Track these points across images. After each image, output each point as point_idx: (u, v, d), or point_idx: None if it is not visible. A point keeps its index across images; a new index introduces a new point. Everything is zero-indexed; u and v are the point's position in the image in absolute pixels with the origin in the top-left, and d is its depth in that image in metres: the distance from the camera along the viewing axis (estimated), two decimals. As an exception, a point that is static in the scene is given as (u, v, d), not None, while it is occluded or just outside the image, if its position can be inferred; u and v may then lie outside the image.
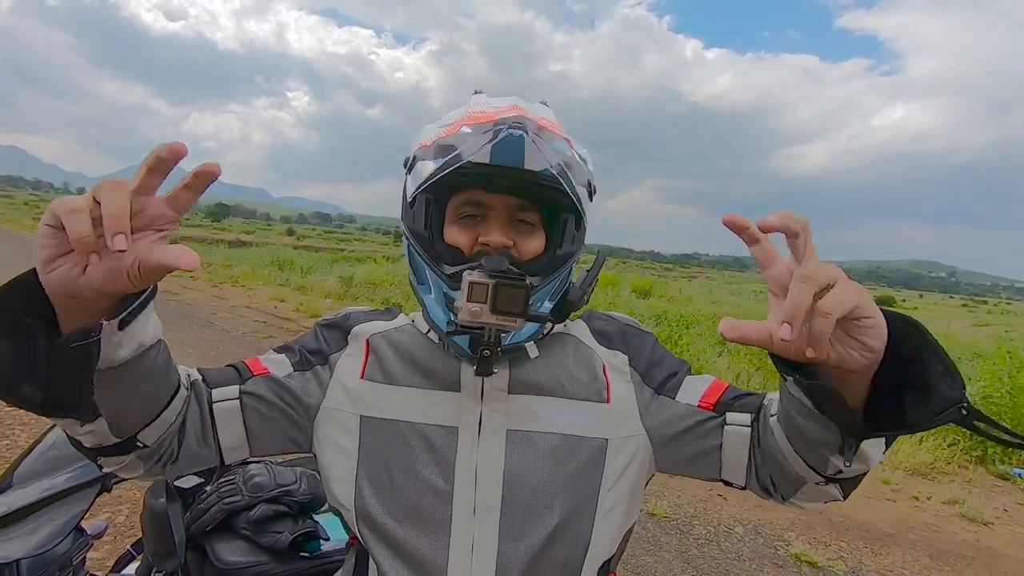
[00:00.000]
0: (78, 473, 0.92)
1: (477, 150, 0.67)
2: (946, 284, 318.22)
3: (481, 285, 0.64)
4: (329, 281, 13.95)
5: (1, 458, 3.36)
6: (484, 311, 0.63)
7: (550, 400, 0.74)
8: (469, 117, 0.72)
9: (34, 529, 0.86)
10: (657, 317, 11.09)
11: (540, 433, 0.72)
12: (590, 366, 0.78)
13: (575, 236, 0.75)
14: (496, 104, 0.74)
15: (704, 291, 27.93)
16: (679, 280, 45.88)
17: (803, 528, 3.62)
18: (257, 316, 9.12)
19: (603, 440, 0.73)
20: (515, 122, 0.68)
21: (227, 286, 12.63)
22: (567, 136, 0.74)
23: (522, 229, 0.74)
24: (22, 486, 0.91)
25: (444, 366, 0.75)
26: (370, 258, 25.06)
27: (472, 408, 0.73)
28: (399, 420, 0.73)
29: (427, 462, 0.71)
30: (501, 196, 0.73)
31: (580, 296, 0.74)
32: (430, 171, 0.71)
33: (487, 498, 0.70)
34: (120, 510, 2.89)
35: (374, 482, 0.71)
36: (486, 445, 0.71)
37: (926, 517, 3.99)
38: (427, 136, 0.75)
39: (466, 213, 0.74)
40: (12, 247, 16.32)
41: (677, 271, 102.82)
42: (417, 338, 0.79)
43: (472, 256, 0.73)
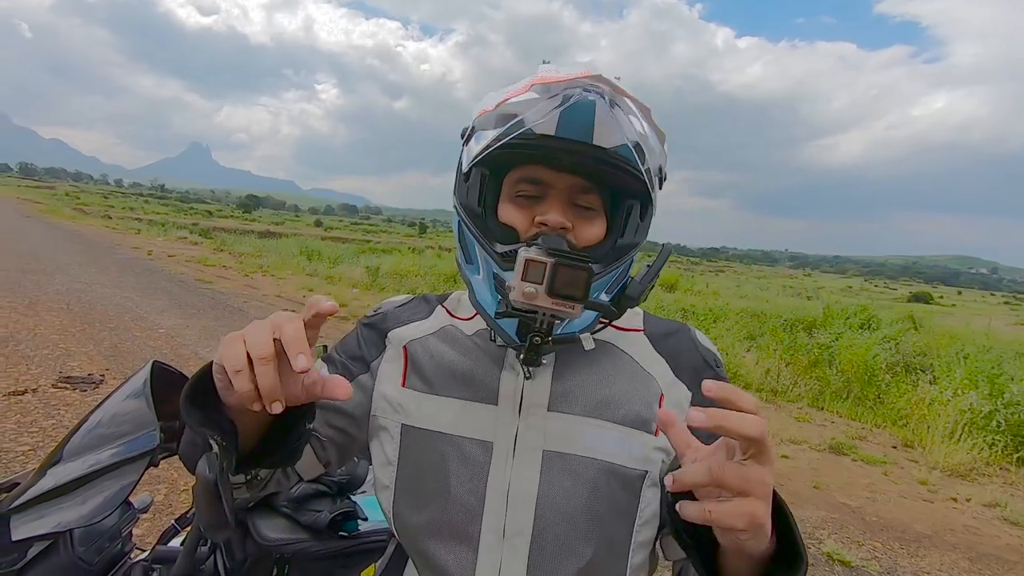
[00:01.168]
0: (123, 449, 0.94)
1: (542, 117, 0.60)
2: (987, 281, 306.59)
3: (538, 264, 0.56)
4: (356, 271, 14.14)
5: (48, 436, 3.50)
6: (540, 292, 0.56)
7: (592, 422, 0.68)
8: (538, 78, 0.64)
9: (83, 501, 0.89)
10: (684, 311, 10.96)
11: (579, 457, 0.67)
12: (644, 394, 0.71)
13: (639, 226, 0.68)
14: (569, 70, 0.66)
15: (732, 285, 27.46)
16: (706, 274, 45.23)
17: (835, 527, 3.54)
18: (287, 305, 9.29)
19: (643, 472, 0.68)
20: (591, 84, 0.60)
21: (258, 275, 12.89)
22: (648, 105, 0.65)
23: (582, 213, 0.68)
24: (71, 460, 0.95)
25: (484, 375, 0.71)
26: (396, 249, 25.32)
27: (509, 423, 0.68)
28: (435, 431, 0.69)
29: (460, 477, 0.67)
30: (563, 175, 0.67)
31: (640, 292, 0.68)
32: (487, 141, 0.64)
33: (518, 521, 0.65)
34: (159, 489, 2.99)
35: (409, 493, 0.70)
36: (520, 464, 0.67)
37: (965, 519, 3.86)
38: (488, 102, 0.68)
39: (523, 192, 0.69)
40: (53, 235, 16.95)
41: (704, 265, 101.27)
42: (457, 342, 0.75)
43: (527, 237, 0.67)
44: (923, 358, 8.17)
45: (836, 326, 9.46)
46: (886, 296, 57.38)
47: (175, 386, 1.05)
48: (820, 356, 7.52)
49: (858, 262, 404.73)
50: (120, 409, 0.96)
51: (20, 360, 4.82)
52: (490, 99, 0.69)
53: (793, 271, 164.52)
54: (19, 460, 3.18)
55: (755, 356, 7.82)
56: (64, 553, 0.89)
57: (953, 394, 5.79)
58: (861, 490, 4.16)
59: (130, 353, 5.45)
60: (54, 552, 0.89)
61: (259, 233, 32.17)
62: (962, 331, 12.07)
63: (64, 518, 0.85)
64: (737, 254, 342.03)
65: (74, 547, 0.91)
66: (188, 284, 10.35)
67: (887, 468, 4.67)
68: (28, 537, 0.84)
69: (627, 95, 0.63)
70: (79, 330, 6.02)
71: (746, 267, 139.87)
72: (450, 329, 0.76)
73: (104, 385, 4.51)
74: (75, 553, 0.91)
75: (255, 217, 77.65)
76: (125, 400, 0.97)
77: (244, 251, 18.25)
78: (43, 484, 0.89)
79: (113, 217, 32.47)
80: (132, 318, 6.91)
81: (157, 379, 0.97)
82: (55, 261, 11.11)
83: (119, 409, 0.97)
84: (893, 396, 6.45)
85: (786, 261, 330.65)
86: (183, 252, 16.16)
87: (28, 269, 9.60)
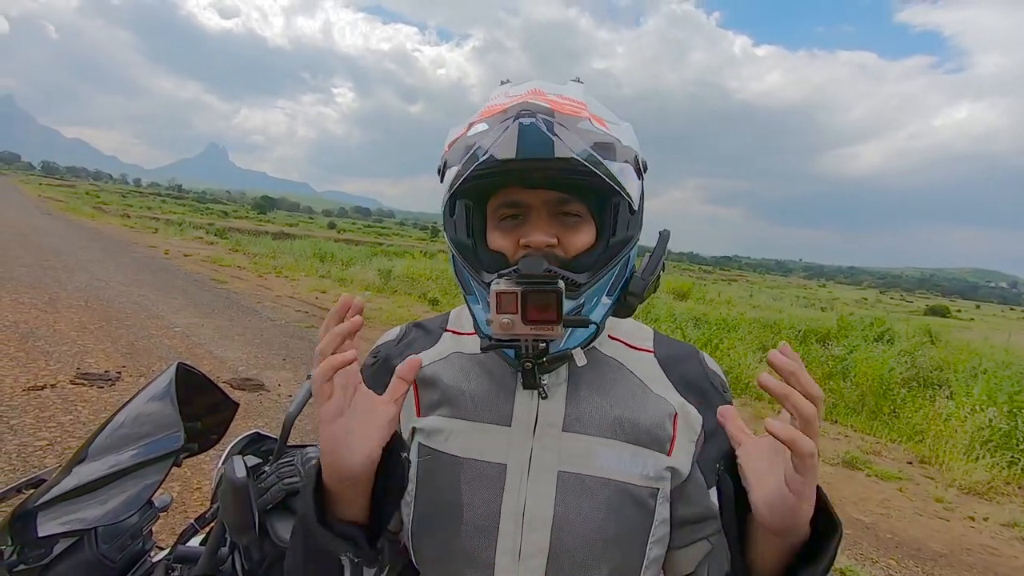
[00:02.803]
0: (146, 449, 0.96)
1: (492, 144, 0.61)
2: (1006, 295, 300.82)
3: (509, 294, 0.58)
4: (368, 274, 14.22)
5: (65, 432, 3.56)
6: (516, 322, 0.58)
7: (607, 442, 0.69)
8: (484, 111, 0.66)
9: (107, 499, 0.90)
10: (696, 320, 10.88)
11: (593, 477, 0.67)
12: (656, 412, 0.71)
13: (629, 221, 0.68)
14: (513, 92, 0.67)
15: (744, 294, 27.21)
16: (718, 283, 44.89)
17: (848, 543, 3.49)
18: (299, 306, 9.37)
19: (655, 490, 0.69)
20: (524, 110, 0.61)
21: (271, 276, 13.02)
22: (594, 114, 0.66)
23: (568, 223, 0.68)
24: (96, 459, 0.96)
25: (496, 397, 0.71)
26: (408, 253, 25.42)
27: (522, 444, 0.68)
28: (449, 454, 0.70)
29: (473, 499, 0.68)
30: (538, 192, 0.66)
31: (644, 286, 0.69)
32: (454, 175, 0.65)
33: (533, 543, 0.66)
34: (172, 487, 3.02)
35: (424, 514, 0.70)
36: (535, 485, 0.67)
37: (983, 539, 3.78)
38: (450, 138, 0.69)
39: (506, 215, 0.68)
40: (73, 233, 17.25)
41: (716, 274, 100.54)
42: (467, 368, 0.75)
43: (515, 260, 0.67)
44: (940, 373, 8.04)
45: (851, 338, 9.35)
46: (902, 309, 56.51)
47: (199, 387, 1.06)
48: (834, 368, 7.43)
49: (874, 273, 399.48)
50: (144, 410, 0.98)
51: (39, 356, 4.91)
52: (451, 135, 0.70)
53: (807, 281, 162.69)
54: (37, 454, 3.23)
55: (767, 367, 7.74)
56: (88, 550, 0.91)
57: (971, 410, 5.69)
58: (875, 506, 4.09)
59: (146, 351, 5.53)
60: (79, 549, 0.90)
61: (273, 234, 32.49)
62: (981, 346, 11.86)
63: (89, 515, 0.87)
64: (750, 263, 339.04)
65: (98, 544, 0.93)
66: (203, 283, 10.48)
67: (902, 484, 4.60)
68: (54, 533, 0.86)
69: (566, 110, 0.63)
70: (97, 327, 6.11)
71: (759, 276, 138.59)
72: (456, 357, 0.77)
73: (120, 382, 4.58)
74: (99, 550, 0.92)
75: (270, 218, 78.42)
76: (149, 401, 0.99)
77: (258, 252, 18.44)
78: (68, 482, 0.91)
79: (131, 216, 32.98)
80: (148, 316, 7.01)
81: (181, 380, 0.99)
82: (75, 258, 11.32)
83: (143, 410, 0.98)
84: (909, 411, 6.35)
85: (800, 271, 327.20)
86: (199, 252, 16.37)
87: (49, 266, 9.78)
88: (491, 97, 0.70)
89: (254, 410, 4.40)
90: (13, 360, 4.71)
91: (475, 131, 0.64)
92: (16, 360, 4.72)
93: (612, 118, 0.69)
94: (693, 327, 9.97)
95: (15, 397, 3.97)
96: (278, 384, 5.11)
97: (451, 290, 12.82)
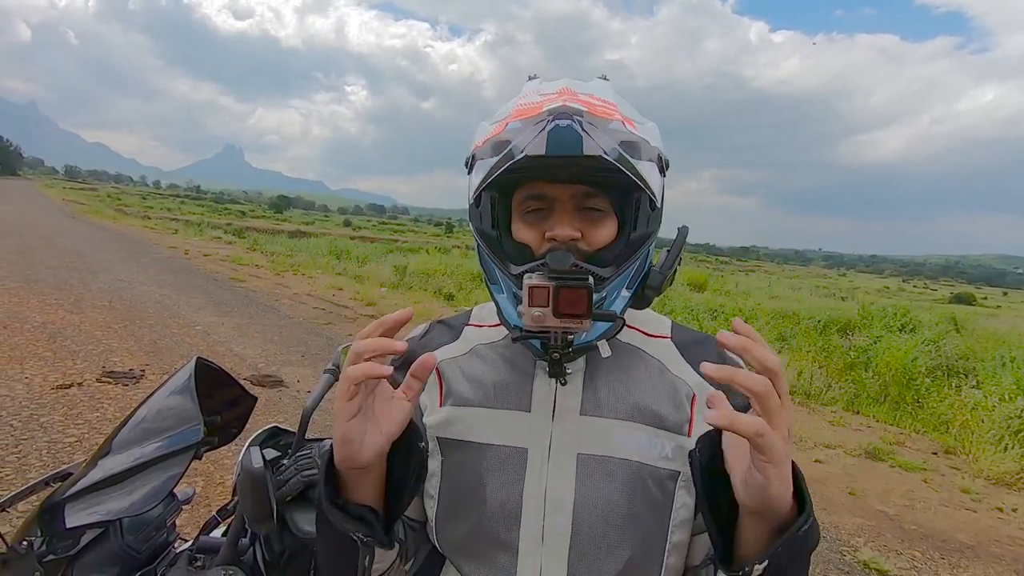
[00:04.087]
0: (167, 443, 0.97)
1: (529, 143, 0.63)
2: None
3: (541, 288, 0.61)
4: (384, 271, 14.33)
5: (92, 428, 3.65)
6: (547, 315, 0.61)
7: (625, 424, 0.70)
8: (518, 110, 0.69)
9: (131, 491, 0.92)
10: (713, 311, 10.78)
11: (613, 459, 0.69)
12: (674, 395, 0.73)
13: (650, 216, 0.70)
14: (545, 91, 0.71)
15: (763, 285, 26.85)
16: (735, 274, 44.34)
17: (872, 534, 3.44)
18: (317, 304, 9.47)
19: (675, 472, 0.70)
20: (561, 112, 0.64)
21: (288, 274, 13.18)
22: (624, 116, 0.69)
23: (591, 217, 0.70)
24: (120, 452, 0.98)
25: (516, 384, 0.74)
26: (423, 249, 25.55)
27: (542, 428, 0.71)
28: (470, 441, 0.72)
29: (496, 484, 0.70)
30: (564, 186, 0.69)
31: (661, 280, 0.71)
32: (487, 169, 0.68)
33: (557, 524, 0.68)
34: (196, 481, 3.08)
35: (451, 504, 0.73)
36: (556, 468, 0.69)
37: (1011, 530, 3.70)
38: (482, 134, 0.71)
39: (531, 208, 0.71)
40: (96, 235, 17.62)
41: (733, 264, 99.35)
42: (488, 359, 0.78)
43: (541, 253, 0.69)
44: (966, 362, 7.86)
45: (873, 328, 9.18)
46: (925, 297, 55.34)
47: (218, 382, 1.08)
48: (856, 359, 7.31)
49: (896, 262, 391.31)
50: (165, 404, 1.00)
51: (67, 355, 5.04)
52: (483, 130, 0.72)
53: (827, 271, 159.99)
54: (66, 451, 3.32)
55: (787, 358, 7.65)
56: (114, 540, 0.93)
57: (1000, 400, 5.56)
58: (899, 497, 4.03)
59: (168, 349, 5.64)
60: (105, 539, 0.93)
61: (290, 233, 32.87)
62: (1008, 334, 11.57)
63: (115, 507, 0.89)
64: (768, 253, 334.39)
65: (123, 535, 0.95)
66: (222, 282, 10.65)
67: (927, 475, 4.51)
68: (81, 524, 0.88)
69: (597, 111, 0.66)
70: (121, 327, 6.25)
71: (777, 267, 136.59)
72: (480, 349, 0.79)
73: (144, 380, 4.68)
74: (124, 541, 0.94)
75: (286, 217, 79.30)
76: (170, 396, 1.01)
77: (275, 250, 18.68)
78: (94, 475, 0.93)
79: (152, 217, 33.60)
80: (170, 315, 7.14)
81: (200, 375, 1.00)
82: (98, 260, 11.57)
83: (164, 404, 1.00)
84: (934, 401, 6.23)
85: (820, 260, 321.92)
86: (217, 251, 16.62)
87: (74, 267, 10.02)
88: (523, 94, 0.73)
89: (274, 406, 4.46)
90: (42, 360, 4.84)
91: (510, 129, 0.66)
92: (45, 360, 4.85)
93: (639, 118, 0.72)
94: (710, 319, 9.88)
95: (44, 395, 4.09)
96: (297, 380, 5.18)
97: (466, 285, 12.86)
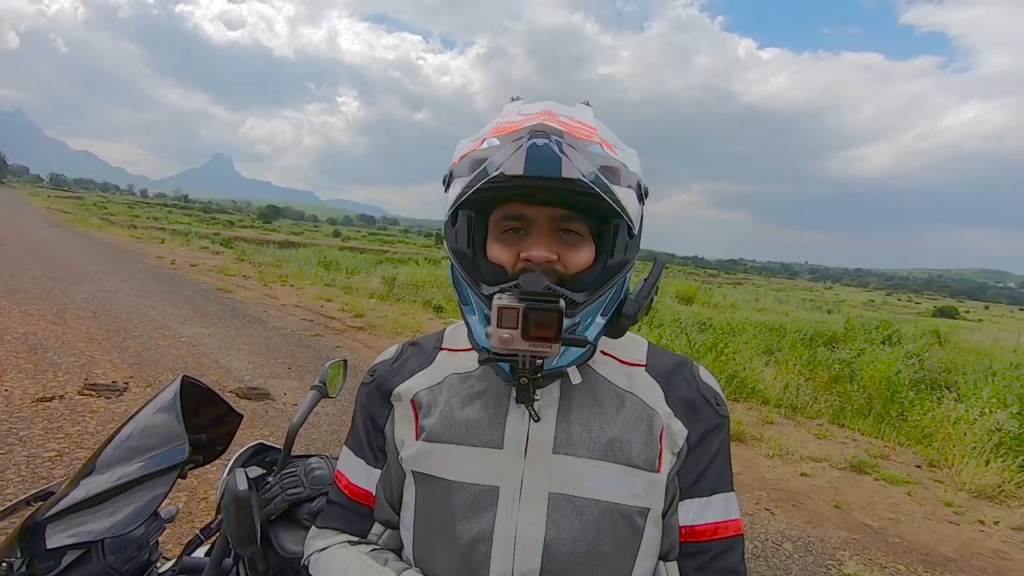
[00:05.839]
0: (153, 461, 0.97)
1: (504, 161, 0.62)
2: (1016, 295, 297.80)
3: (511, 309, 0.60)
4: (373, 282, 14.27)
5: (73, 442, 3.58)
6: (515, 337, 0.59)
7: (597, 464, 0.70)
8: (497, 127, 0.68)
9: (115, 511, 0.92)
10: (702, 324, 10.85)
11: (583, 499, 0.69)
12: (648, 429, 0.72)
13: (627, 244, 0.69)
14: (526, 111, 0.69)
15: (750, 298, 27.09)
16: (723, 286, 44.65)
17: (857, 547, 3.47)
18: (305, 315, 9.40)
19: (645, 509, 0.70)
20: (537, 130, 0.63)
21: (277, 285, 13.07)
22: (604, 139, 0.68)
23: (568, 241, 0.69)
24: (103, 471, 0.98)
25: (489, 420, 0.73)
26: (412, 260, 25.50)
27: (514, 466, 0.70)
28: (443, 478, 0.72)
29: (467, 522, 0.69)
30: (543, 208, 0.68)
31: (637, 309, 0.70)
32: (463, 186, 0.66)
33: (525, 563, 0.67)
34: (179, 497, 3.04)
35: (422, 537, 0.73)
36: (527, 507, 0.69)
37: (993, 543, 3.74)
38: (460, 151, 0.70)
39: (508, 228, 0.70)
40: (81, 244, 17.40)
41: (722, 277, 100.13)
42: (462, 392, 0.77)
43: (515, 273, 0.68)
44: (948, 375, 7.97)
45: (858, 341, 9.29)
46: (909, 310, 56.10)
47: (204, 400, 1.08)
48: (841, 372, 7.38)
49: (880, 275, 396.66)
50: (150, 422, 1.00)
51: (48, 367, 4.95)
52: (462, 147, 0.71)
53: (813, 283, 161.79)
54: (46, 465, 3.26)
55: (774, 371, 7.70)
56: (96, 562, 0.92)
57: (980, 413, 5.64)
58: (884, 510, 4.06)
59: (153, 361, 5.56)
60: (87, 560, 0.92)
61: (279, 243, 32.67)
62: (989, 347, 11.76)
63: (97, 527, 0.88)
64: (756, 266, 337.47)
65: (105, 556, 0.94)
66: (209, 293, 10.54)
67: (911, 488, 4.56)
68: (63, 545, 0.87)
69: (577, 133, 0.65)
70: (105, 338, 6.16)
71: (765, 279, 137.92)
72: (453, 380, 0.78)
73: (128, 392, 4.61)
74: (106, 561, 0.93)
75: (275, 227, 78.77)
76: (155, 414, 1.00)
77: (264, 261, 18.53)
78: (76, 494, 0.93)
79: (138, 227, 33.25)
80: (155, 326, 7.05)
81: (186, 393, 1.00)
82: (83, 269, 11.41)
83: (149, 422, 1.00)
84: (917, 414, 6.30)
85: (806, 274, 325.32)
86: (205, 261, 16.47)
87: (57, 277, 9.87)
88: (503, 113, 0.72)
89: (260, 419, 4.42)
90: (23, 372, 4.75)
91: (487, 146, 0.65)
92: (25, 372, 4.76)
93: (619, 143, 0.71)
94: (698, 331, 9.94)
95: (24, 408, 4.01)
96: (284, 393, 5.13)
97: (455, 297, 12.84)
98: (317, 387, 1.18)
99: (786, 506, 3.97)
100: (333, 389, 1.20)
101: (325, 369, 1.20)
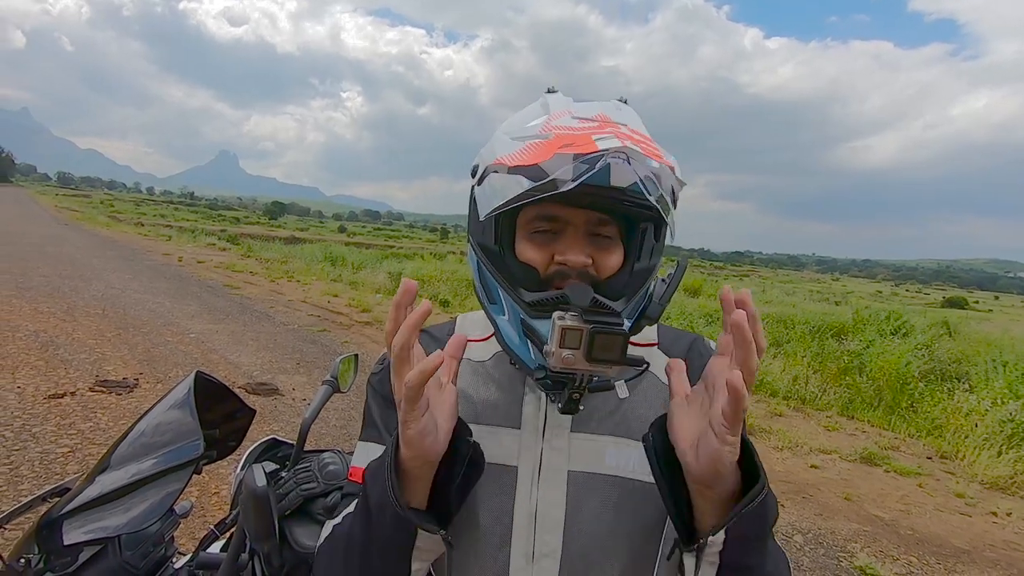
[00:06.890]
0: (167, 457, 0.97)
1: (572, 177, 0.59)
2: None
3: (575, 331, 0.58)
4: (379, 277, 14.29)
5: (85, 439, 3.62)
6: (578, 358, 0.57)
7: (616, 441, 0.70)
8: (559, 139, 0.62)
9: (128, 508, 0.92)
10: (708, 317, 10.81)
11: (603, 476, 0.69)
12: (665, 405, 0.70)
13: (655, 247, 0.68)
14: (582, 114, 0.66)
15: (757, 290, 26.97)
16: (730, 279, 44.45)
17: (868, 539, 3.45)
18: (312, 310, 9.44)
19: None
20: (617, 153, 0.59)
21: (283, 281, 13.12)
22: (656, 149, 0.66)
23: (600, 244, 0.68)
24: (119, 468, 0.98)
25: (505, 401, 0.72)
26: (418, 255, 25.53)
27: (532, 446, 0.70)
28: None
29: (487, 503, 0.69)
30: (579, 210, 0.66)
31: (659, 312, 0.69)
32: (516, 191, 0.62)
33: (546, 544, 0.67)
34: (191, 492, 3.06)
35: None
36: (546, 486, 0.68)
37: (1006, 534, 3.72)
38: (506, 149, 0.65)
39: (540, 228, 0.68)
40: (90, 242, 17.52)
41: (728, 269, 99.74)
42: (476, 375, 0.76)
43: (548, 275, 0.67)
44: (958, 366, 7.91)
45: (867, 332, 9.23)
46: (918, 301, 55.71)
47: (217, 396, 1.08)
48: (850, 364, 7.34)
49: (889, 266, 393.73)
50: (164, 419, 1.00)
51: (59, 364, 4.99)
52: (505, 144, 0.66)
53: (820, 275, 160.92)
54: (59, 461, 3.29)
55: (782, 363, 7.67)
56: (113, 557, 0.93)
57: (992, 404, 5.60)
58: (895, 502, 4.04)
59: (162, 358, 5.60)
60: (103, 556, 0.92)
61: (284, 239, 32.76)
62: (1000, 338, 11.65)
63: (113, 524, 0.88)
64: (762, 258, 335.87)
65: (122, 552, 0.94)
66: (217, 290, 10.60)
67: (922, 480, 4.53)
68: (79, 541, 0.88)
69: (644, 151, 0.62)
70: (114, 335, 6.21)
71: (772, 271, 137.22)
72: (465, 364, 0.76)
73: (138, 389, 4.65)
74: (123, 557, 0.94)
75: (281, 223, 78.97)
76: (169, 410, 1.01)
77: (270, 257, 18.60)
78: (92, 491, 0.93)
79: (145, 224, 33.43)
80: (164, 323, 7.10)
81: (200, 388, 1.00)
82: (91, 267, 11.50)
83: (163, 419, 1.00)
84: (927, 405, 6.26)
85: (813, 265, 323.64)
86: (212, 258, 16.55)
87: (66, 275, 9.95)
88: (553, 113, 0.67)
89: (269, 414, 4.44)
90: (34, 369, 4.80)
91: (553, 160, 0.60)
92: (37, 369, 4.81)
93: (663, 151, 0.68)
94: (705, 324, 9.90)
95: (37, 405, 4.05)
96: (292, 388, 5.15)
97: (461, 291, 12.85)
98: (328, 382, 1.18)
99: (796, 498, 3.96)
100: (344, 384, 1.20)
101: (336, 364, 1.19)
